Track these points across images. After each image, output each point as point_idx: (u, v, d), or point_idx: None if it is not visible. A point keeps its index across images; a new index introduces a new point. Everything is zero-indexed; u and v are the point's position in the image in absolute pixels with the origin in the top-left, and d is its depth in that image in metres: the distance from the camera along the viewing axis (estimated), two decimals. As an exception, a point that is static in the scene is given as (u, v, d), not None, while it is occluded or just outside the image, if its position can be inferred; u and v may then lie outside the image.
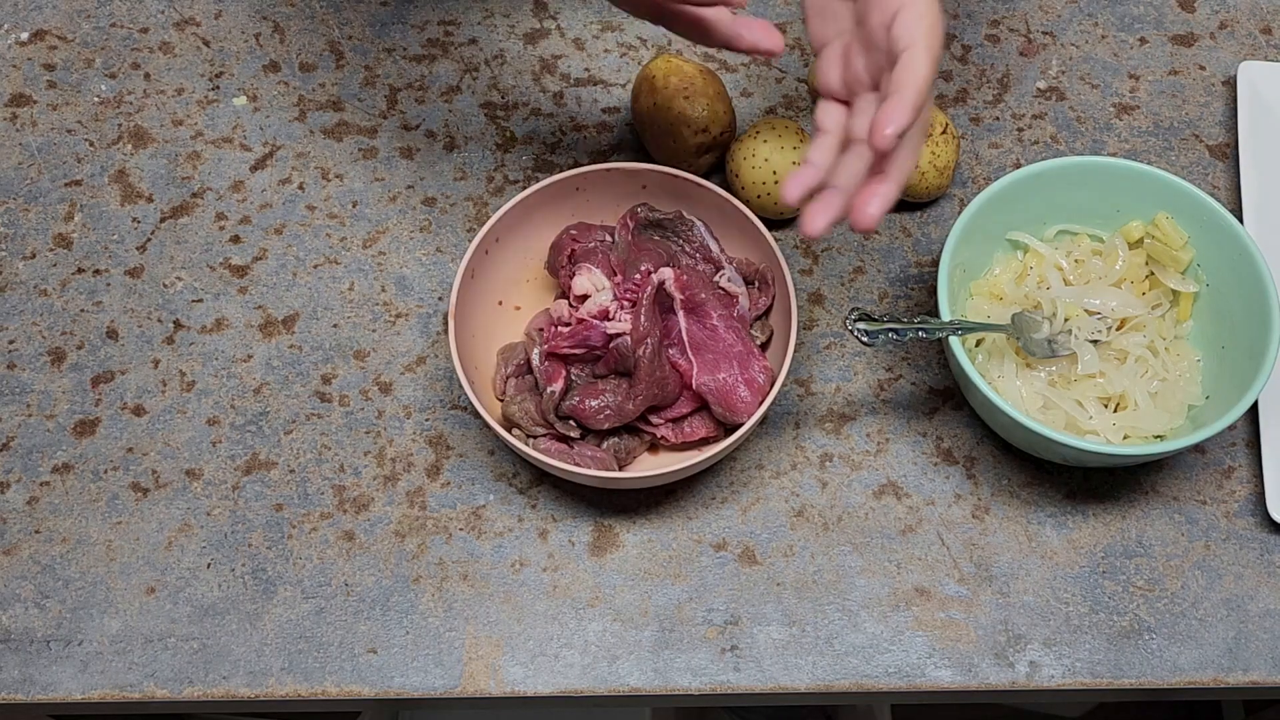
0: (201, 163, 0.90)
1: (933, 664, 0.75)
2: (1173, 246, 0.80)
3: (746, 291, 0.79)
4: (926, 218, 0.89)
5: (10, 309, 0.85)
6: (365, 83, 0.94)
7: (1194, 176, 0.91)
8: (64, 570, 0.77)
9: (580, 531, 0.79)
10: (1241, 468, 0.81)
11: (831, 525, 0.79)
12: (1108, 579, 0.78)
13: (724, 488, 0.80)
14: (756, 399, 0.75)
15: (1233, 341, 0.78)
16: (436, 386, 0.83)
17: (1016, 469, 0.81)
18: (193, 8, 0.96)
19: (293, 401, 0.82)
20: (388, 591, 0.77)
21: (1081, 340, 0.79)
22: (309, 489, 0.80)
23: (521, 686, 0.74)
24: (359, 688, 0.75)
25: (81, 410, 0.82)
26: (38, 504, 0.79)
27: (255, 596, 0.77)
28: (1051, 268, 0.82)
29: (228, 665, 0.75)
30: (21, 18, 0.96)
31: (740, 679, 0.75)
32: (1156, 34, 0.96)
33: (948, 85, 0.94)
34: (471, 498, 0.79)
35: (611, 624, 0.76)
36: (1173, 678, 0.75)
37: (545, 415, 0.77)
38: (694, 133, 0.84)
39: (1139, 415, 0.77)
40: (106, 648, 0.75)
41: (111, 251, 0.87)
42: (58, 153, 0.91)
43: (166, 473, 0.80)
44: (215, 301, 0.85)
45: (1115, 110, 0.93)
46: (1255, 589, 0.78)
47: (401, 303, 0.86)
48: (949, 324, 0.75)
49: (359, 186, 0.90)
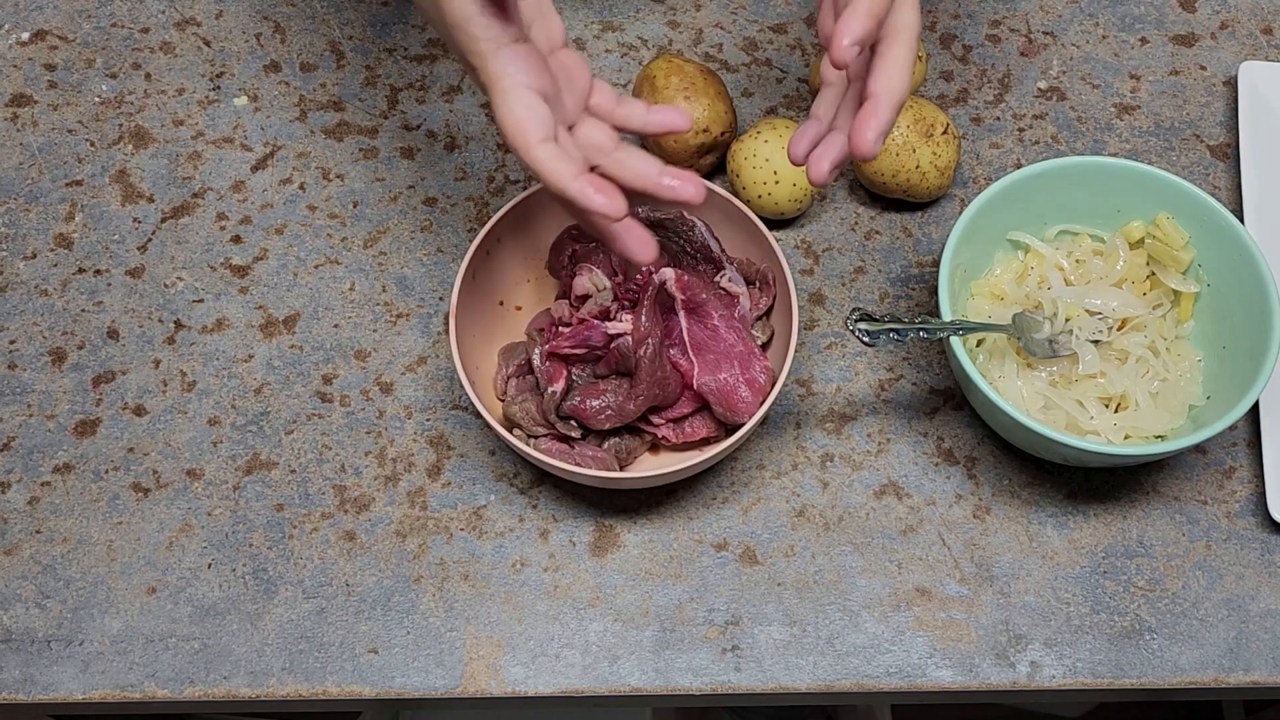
0: (202, 163, 0.90)
1: (933, 664, 0.75)
2: (1174, 247, 0.80)
3: (747, 291, 0.79)
4: (927, 218, 0.89)
5: (11, 309, 0.85)
6: (366, 83, 0.94)
7: (1195, 176, 0.91)
8: (65, 570, 0.77)
9: (581, 531, 0.79)
10: (1242, 468, 0.81)
11: (832, 525, 0.79)
12: (1108, 579, 0.78)
13: (725, 488, 0.80)
14: (757, 399, 0.75)
15: (1233, 342, 0.78)
16: (437, 387, 0.83)
17: (1017, 469, 0.81)
18: (193, 8, 0.96)
19: (294, 401, 0.82)
20: (389, 591, 0.77)
21: (1082, 340, 0.79)
22: (310, 489, 0.80)
23: (522, 686, 0.74)
24: (360, 688, 0.75)
25: (82, 410, 0.82)
26: (38, 504, 0.79)
27: (256, 596, 0.77)
28: (1052, 268, 0.82)
29: (228, 665, 0.75)
30: (22, 18, 0.96)
31: (741, 679, 0.75)
32: (1157, 34, 0.96)
33: (948, 85, 0.94)
34: (472, 498, 0.79)
35: (612, 624, 0.76)
36: (1173, 678, 0.75)
37: (546, 415, 0.77)
38: (695, 133, 0.84)
39: (1140, 415, 0.77)
40: (107, 648, 0.75)
41: (112, 251, 0.87)
42: (58, 153, 0.91)
43: (167, 473, 0.80)
44: (216, 301, 0.85)
45: (1116, 110, 0.93)
46: (1256, 589, 0.78)
47: (402, 303, 0.86)
48: (950, 324, 0.75)
49: (360, 186, 0.90)
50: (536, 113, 0.62)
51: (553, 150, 0.62)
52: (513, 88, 0.62)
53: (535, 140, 0.61)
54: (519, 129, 0.61)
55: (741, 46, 0.95)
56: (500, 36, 0.62)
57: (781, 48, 0.95)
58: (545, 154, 0.62)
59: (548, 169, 0.62)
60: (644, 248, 0.65)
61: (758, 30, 0.96)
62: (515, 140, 0.62)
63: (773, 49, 0.95)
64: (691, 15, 0.96)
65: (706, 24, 0.96)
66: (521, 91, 0.62)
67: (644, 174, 0.65)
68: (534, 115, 0.62)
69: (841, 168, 0.67)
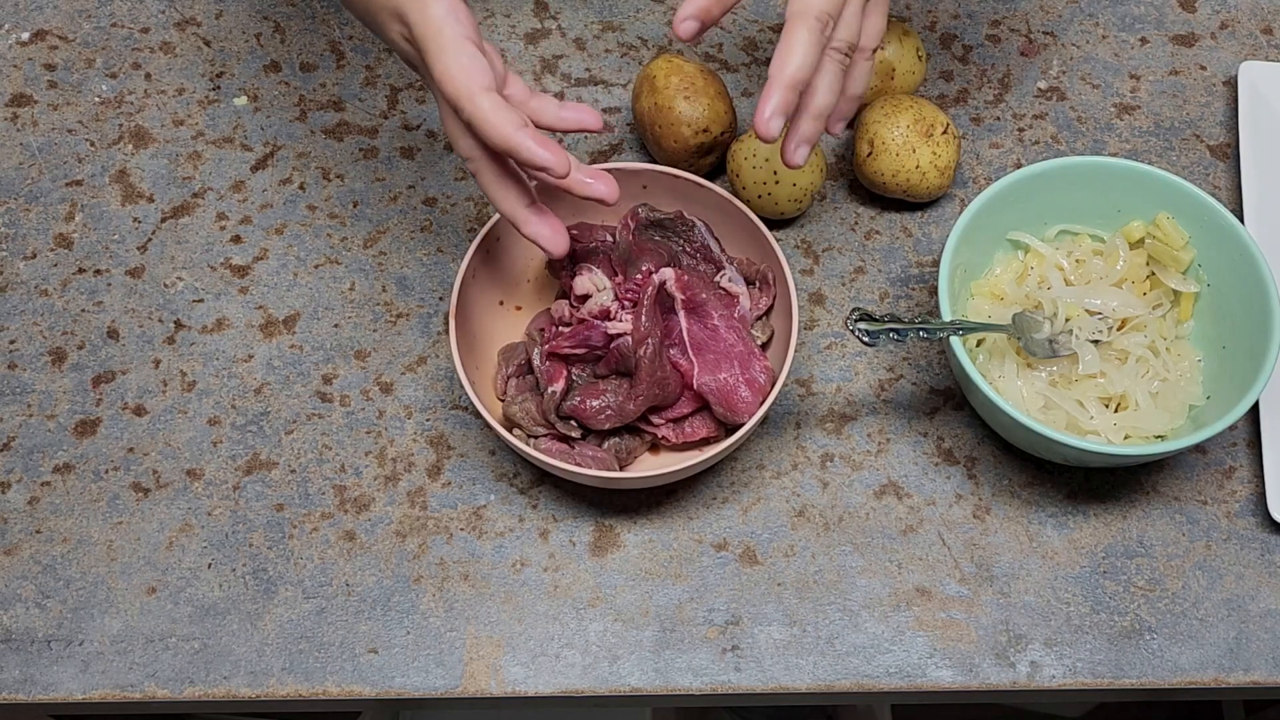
0: (202, 162, 0.90)
1: (933, 664, 0.75)
2: (1173, 246, 0.80)
3: (747, 291, 0.79)
4: (927, 218, 0.89)
5: (11, 309, 0.85)
6: (366, 83, 0.94)
7: (1195, 176, 0.91)
8: (65, 570, 0.77)
9: (581, 531, 0.79)
10: (1242, 468, 0.81)
11: (832, 525, 0.79)
12: (1109, 579, 0.78)
13: (725, 488, 0.80)
14: (757, 399, 0.75)
15: (1234, 341, 0.78)
16: (437, 386, 0.83)
17: (1017, 469, 0.81)
18: (193, 8, 0.96)
19: (293, 401, 0.82)
20: (389, 591, 0.77)
21: (1082, 340, 0.79)
22: (310, 489, 0.80)
23: (522, 686, 0.74)
24: (360, 688, 0.75)
25: (82, 410, 0.82)
26: (39, 504, 0.79)
27: (256, 596, 0.77)
28: (1052, 268, 0.83)
29: (228, 665, 0.75)
30: (22, 18, 0.96)
31: (741, 679, 0.75)
32: (1157, 34, 0.96)
33: (948, 85, 0.94)
34: (472, 498, 0.80)
35: (612, 624, 0.76)
36: (1173, 678, 0.75)
37: (546, 415, 0.77)
38: (695, 133, 0.84)
39: (1140, 415, 0.77)
40: (107, 648, 0.75)
41: (112, 251, 0.87)
42: (58, 153, 0.91)
43: (167, 473, 0.80)
44: (216, 301, 0.85)
45: (1116, 110, 0.93)
46: (1256, 589, 0.78)
47: (402, 303, 0.86)
48: (950, 324, 0.75)
49: (360, 186, 0.90)
50: (479, 62, 0.60)
51: (497, 100, 0.60)
52: (456, 37, 0.60)
53: (479, 88, 0.60)
54: (465, 77, 0.60)
55: (741, 46, 0.95)
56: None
57: (781, 48, 0.95)
58: (490, 103, 0.60)
59: (492, 118, 0.60)
60: (558, 239, 0.65)
61: (758, 30, 0.96)
62: (459, 88, 0.60)
63: (772, 49, 0.94)
64: (691, 15, 0.96)
65: (706, 24, 0.96)
66: (464, 42, 0.61)
67: None
68: (478, 65, 0.60)
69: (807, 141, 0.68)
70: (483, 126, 0.60)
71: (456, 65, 0.60)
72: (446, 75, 0.60)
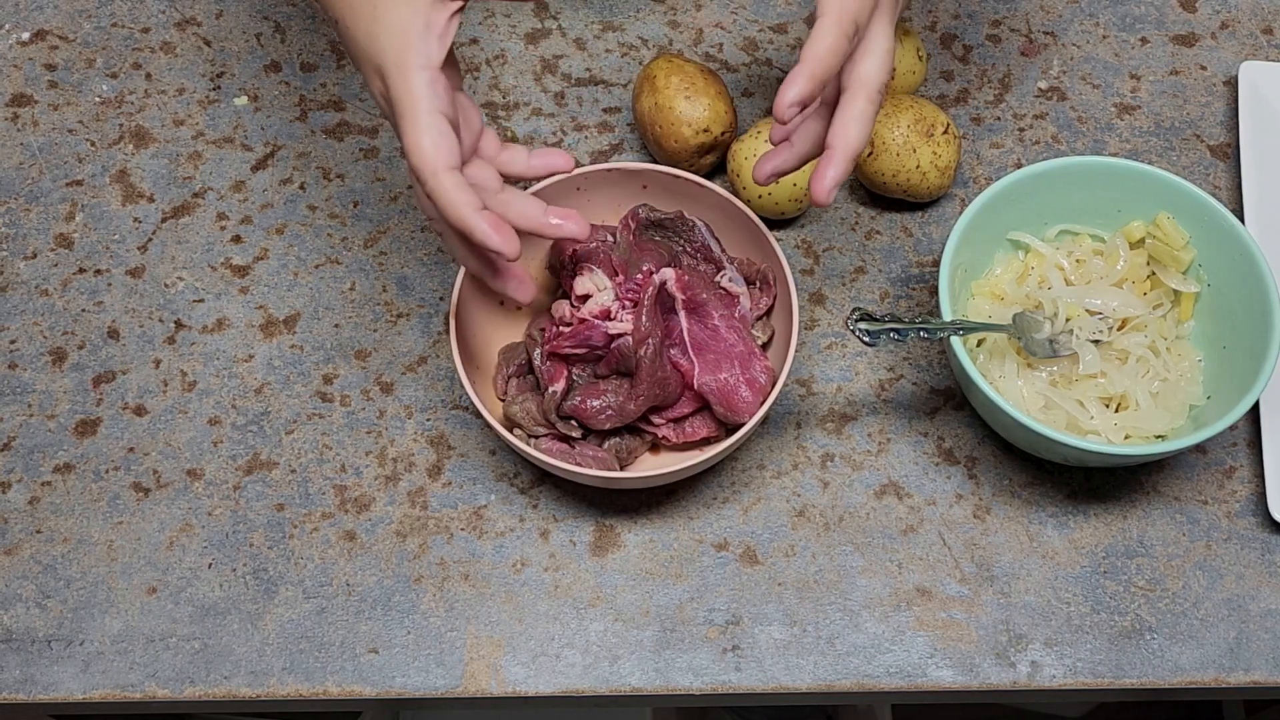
0: (202, 162, 0.90)
1: (934, 664, 0.75)
2: (1174, 246, 0.80)
3: (748, 291, 0.79)
4: (928, 218, 0.89)
5: (11, 309, 0.85)
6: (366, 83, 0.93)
7: (1195, 176, 0.91)
8: (65, 570, 0.77)
9: (581, 531, 0.79)
10: (1242, 468, 0.81)
11: (833, 525, 0.79)
12: (1109, 579, 0.78)
13: (725, 488, 0.80)
14: (758, 399, 0.75)
15: (1234, 341, 0.78)
16: (438, 386, 0.83)
17: (1018, 469, 0.81)
18: (194, 7, 0.96)
19: (294, 401, 0.82)
20: (389, 591, 0.77)
21: (1083, 340, 0.79)
22: (310, 489, 0.80)
23: (523, 686, 0.75)
24: (360, 688, 0.75)
25: (82, 410, 0.82)
26: (39, 504, 0.79)
27: (256, 596, 0.77)
28: (1053, 268, 0.83)
29: (229, 665, 0.75)
30: (22, 18, 0.96)
31: (741, 679, 0.75)
32: (1158, 34, 0.96)
33: (949, 85, 0.94)
34: (473, 498, 0.80)
35: (613, 624, 0.76)
36: (1174, 678, 0.75)
37: (547, 415, 0.77)
38: (695, 133, 0.84)
39: (1140, 415, 0.77)
40: (108, 647, 0.75)
41: (113, 251, 0.87)
42: (59, 153, 0.91)
43: (168, 473, 0.80)
44: (216, 301, 0.85)
45: (1116, 110, 0.93)
46: (1256, 589, 0.78)
47: (402, 302, 0.86)
48: (950, 324, 0.75)
49: (360, 186, 0.90)
50: (448, 139, 0.62)
51: (459, 180, 0.62)
52: (430, 111, 0.61)
53: (443, 167, 0.61)
54: (432, 153, 0.61)
55: (742, 46, 0.95)
56: (433, 58, 0.62)
57: (782, 48, 0.95)
58: (451, 183, 0.61)
59: (451, 198, 0.61)
60: (524, 289, 0.68)
61: (758, 30, 0.96)
62: (423, 164, 0.61)
63: (773, 49, 0.95)
64: (692, 15, 0.96)
65: (707, 24, 0.96)
66: (437, 116, 0.61)
67: (530, 215, 0.65)
68: (446, 142, 0.61)
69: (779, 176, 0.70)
70: (441, 204, 0.62)
71: (427, 139, 0.61)
72: (415, 148, 0.61)
